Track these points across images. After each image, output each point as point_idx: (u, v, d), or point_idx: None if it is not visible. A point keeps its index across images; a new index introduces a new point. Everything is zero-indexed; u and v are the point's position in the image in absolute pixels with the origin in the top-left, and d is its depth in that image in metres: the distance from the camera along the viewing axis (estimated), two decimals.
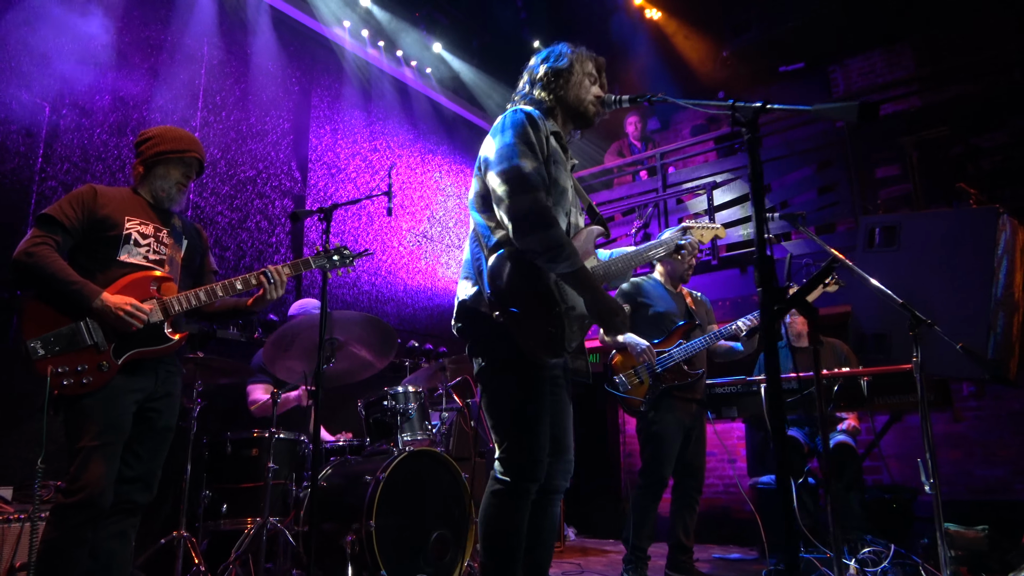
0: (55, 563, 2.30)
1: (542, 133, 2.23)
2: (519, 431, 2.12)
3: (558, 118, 2.43)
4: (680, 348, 3.84)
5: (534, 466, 2.10)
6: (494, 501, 2.13)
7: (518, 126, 2.20)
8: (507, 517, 2.10)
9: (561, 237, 2.09)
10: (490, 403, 2.20)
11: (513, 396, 2.15)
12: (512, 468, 2.12)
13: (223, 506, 3.45)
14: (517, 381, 2.14)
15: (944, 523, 4.24)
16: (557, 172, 2.28)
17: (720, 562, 4.94)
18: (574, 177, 2.50)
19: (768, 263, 1.64)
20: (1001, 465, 5.88)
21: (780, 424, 1.54)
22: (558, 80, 2.39)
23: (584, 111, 2.43)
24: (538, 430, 2.11)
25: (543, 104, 2.40)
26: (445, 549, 3.42)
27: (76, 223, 2.52)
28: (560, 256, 2.08)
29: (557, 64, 2.40)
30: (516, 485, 2.10)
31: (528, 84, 2.47)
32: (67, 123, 4.27)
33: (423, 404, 3.85)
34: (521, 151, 2.15)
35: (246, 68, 5.41)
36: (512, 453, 2.12)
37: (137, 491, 2.56)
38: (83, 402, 2.41)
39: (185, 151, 2.73)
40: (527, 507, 2.12)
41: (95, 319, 2.45)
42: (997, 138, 5.72)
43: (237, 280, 2.71)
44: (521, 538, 2.12)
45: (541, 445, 2.11)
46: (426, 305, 6.66)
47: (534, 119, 2.23)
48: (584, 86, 2.42)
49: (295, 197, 5.62)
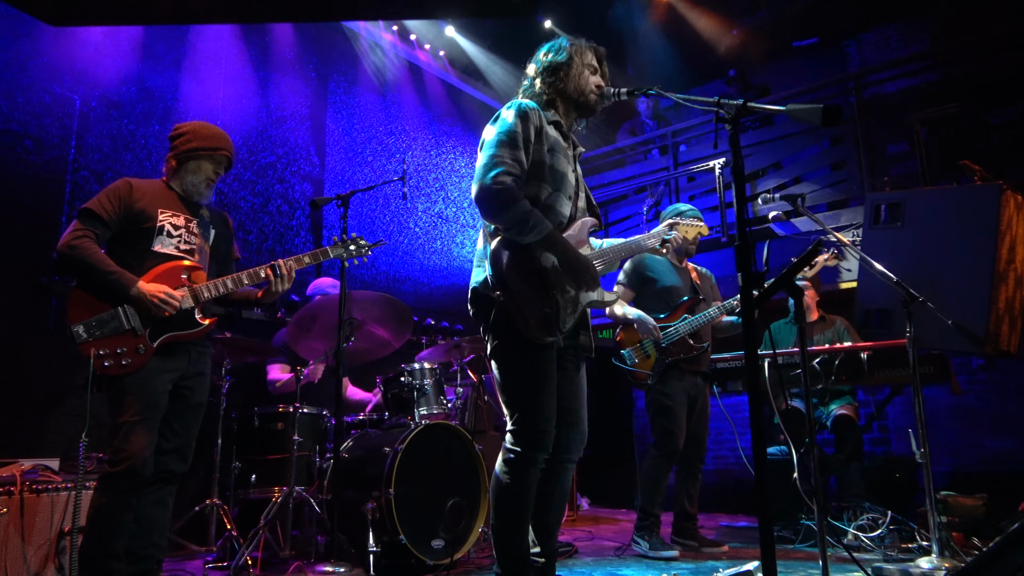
0: (104, 527, 2.53)
1: (531, 123, 2.38)
2: (525, 405, 2.30)
3: (559, 108, 2.56)
4: (685, 322, 3.97)
5: (540, 436, 2.28)
6: (504, 468, 2.32)
7: (506, 120, 2.38)
8: (516, 483, 2.28)
9: (524, 211, 2.25)
10: (500, 379, 2.38)
11: (519, 372, 2.33)
12: (520, 439, 2.29)
13: (252, 476, 3.67)
14: (522, 359, 2.32)
15: (944, 491, 4.39)
16: (555, 160, 2.42)
17: (727, 529, 5.11)
18: (579, 164, 2.66)
19: (747, 249, 1.79)
20: (1009, 436, 5.97)
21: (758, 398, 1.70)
22: (558, 73, 2.53)
23: (585, 101, 2.56)
24: (542, 403, 2.29)
25: (543, 96, 2.54)
26: (460, 516, 3.62)
27: (114, 216, 2.72)
28: (526, 227, 2.25)
29: (556, 58, 2.54)
30: (524, 454, 2.28)
31: (531, 77, 2.61)
32: (97, 115, 4.47)
33: (439, 380, 4.04)
34: (499, 141, 2.33)
35: (265, 56, 5.58)
36: (520, 425, 2.30)
37: (174, 461, 2.78)
38: (124, 381, 2.62)
39: (217, 149, 2.91)
40: (535, 474, 2.31)
41: (132, 306, 2.65)
42: (1008, 113, 5.73)
43: (243, 274, 2.87)
44: (529, 502, 2.31)
45: (546, 417, 2.29)
46: (442, 284, 6.84)
47: (524, 111, 2.38)
48: (584, 77, 2.55)
49: (314, 181, 5.80)
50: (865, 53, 7.95)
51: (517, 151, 2.32)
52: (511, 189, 2.25)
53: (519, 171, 2.31)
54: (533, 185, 2.39)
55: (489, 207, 2.28)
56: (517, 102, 2.43)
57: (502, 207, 2.25)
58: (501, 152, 2.30)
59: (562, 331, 2.31)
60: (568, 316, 2.32)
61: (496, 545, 2.29)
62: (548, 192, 2.41)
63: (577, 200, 2.56)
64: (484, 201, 2.28)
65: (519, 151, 2.32)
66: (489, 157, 2.30)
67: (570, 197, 2.51)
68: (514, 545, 2.27)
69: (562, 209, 2.46)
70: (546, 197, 2.40)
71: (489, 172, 2.27)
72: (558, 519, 2.53)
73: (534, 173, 2.38)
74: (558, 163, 2.44)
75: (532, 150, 2.37)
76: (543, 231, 2.29)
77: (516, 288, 2.27)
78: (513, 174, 2.28)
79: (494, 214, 2.30)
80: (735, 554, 3.91)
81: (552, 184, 2.41)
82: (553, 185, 2.42)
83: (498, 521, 2.31)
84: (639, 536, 3.90)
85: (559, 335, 2.31)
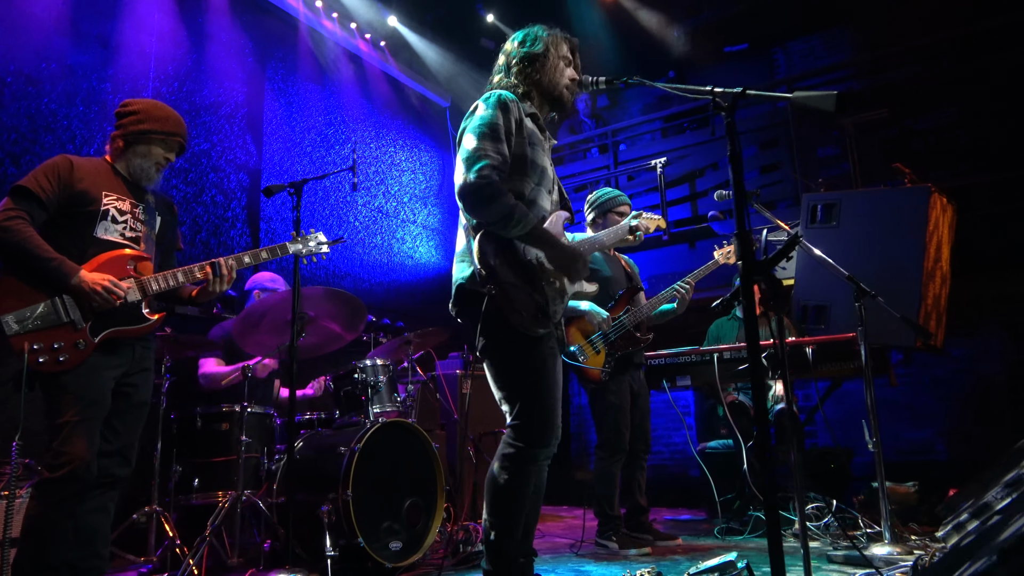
0: (41, 538, 2.31)
1: (512, 115, 2.31)
2: (526, 400, 2.23)
3: (534, 100, 2.49)
4: (630, 314, 3.97)
5: (544, 431, 2.22)
6: (505, 464, 2.24)
7: (487, 111, 2.29)
8: (515, 481, 2.22)
9: (508, 205, 2.19)
10: (497, 376, 2.31)
11: (516, 367, 2.26)
12: (522, 435, 2.23)
13: (194, 480, 3.45)
14: (518, 353, 2.25)
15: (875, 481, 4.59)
16: (535, 153, 2.36)
17: (673, 523, 5.19)
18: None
19: (747, 238, 1.78)
20: (926, 427, 6.33)
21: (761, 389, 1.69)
22: (534, 64, 2.46)
23: (559, 95, 2.50)
24: (543, 397, 2.23)
25: (519, 88, 2.46)
26: (418, 516, 3.52)
27: (52, 196, 2.47)
28: (511, 222, 2.19)
29: (533, 49, 2.46)
30: (526, 451, 2.22)
31: (504, 67, 2.52)
32: (12, 91, 4.10)
33: (392, 377, 3.91)
34: (482, 133, 2.25)
35: (199, 37, 5.28)
36: (522, 421, 2.23)
37: (116, 464, 2.57)
38: (62, 379, 2.39)
39: (172, 134, 2.69)
40: (534, 471, 2.25)
41: (72, 296, 2.42)
42: (931, 120, 6.07)
43: (179, 271, 2.64)
44: (526, 500, 2.25)
45: (549, 410, 2.23)
46: (382, 280, 6.67)
47: (505, 102, 2.31)
48: (559, 69, 2.49)
49: (251, 171, 5.54)
50: (792, 61, 8.28)
51: (500, 143, 2.25)
52: (495, 183, 2.19)
53: (502, 164, 2.24)
54: (516, 179, 2.32)
55: (473, 202, 2.21)
56: (497, 92, 2.35)
57: (486, 202, 2.18)
58: (484, 145, 2.23)
59: (554, 321, 2.26)
60: (558, 306, 2.28)
61: (489, 543, 2.22)
62: (531, 187, 2.36)
63: (553, 194, 2.52)
64: (468, 196, 2.20)
65: (501, 144, 2.26)
66: (472, 150, 2.23)
67: (549, 191, 2.47)
68: (507, 544, 2.20)
69: (544, 203, 2.42)
70: (530, 192, 2.35)
71: (473, 166, 2.19)
72: (535, 519, 2.48)
73: (516, 167, 2.32)
74: (538, 156, 2.38)
75: (513, 143, 2.30)
76: (528, 225, 2.23)
77: (506, 280, 2.20)
78: (496, 167, 2.21)
79: (478, 209, 2.22)
80: (689, 547, 3.95)
81: (535, 178, 2.36)
82: (536, 179, 2.37)
83: (493, 519, 2.24)
84: (604, 539, 3.83)
85: (551, 325, 2.26)
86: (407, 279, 6.96)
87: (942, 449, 6.29)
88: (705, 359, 4.35)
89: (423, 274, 7.19)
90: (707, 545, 3.98)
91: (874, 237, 4.25)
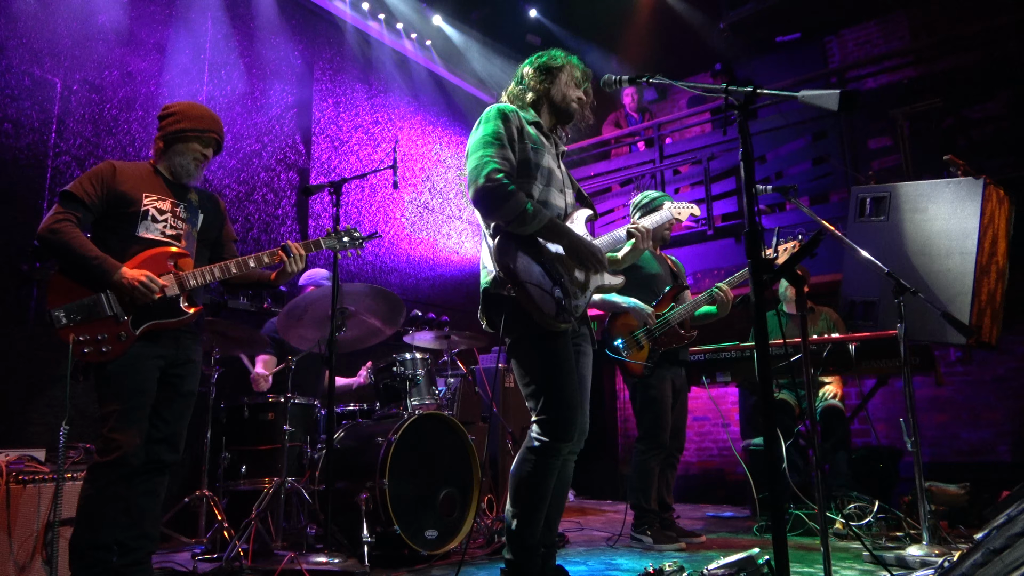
0: (93, 517, 2.47)
1: (512, 123, 2.43)
2: (549, 395, 2.31)
3: (543, 109, 2.63)
4: (674, 311, 3.97)
5: (566, 426, 2.29)
6: (529, 457, 2.32)
7: (488, 122, 2.43)
8: (537, 474, 2.30)
9: (521, 203, 2.29)
10: (522, 374, 2.40)
11: (541, 365, 2.34)
12: (546, 429, 2.30)
13: (242, 467, 3.62)
14: (542, 351, 2.33)
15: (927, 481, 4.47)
16: (538, 157, 2.47)
17: (713, 519, 5.16)
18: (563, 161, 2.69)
19: (756, 236, 1.79)
20: (986, 428, 6.09)
21: (768, 386, 1.70)
22: (547, 75, 2.61)
23: (567, 107, 2.64)
24: (565, 391, 2.30)
25: (530, 94, 2.61)
26: (453, 507, 3.61)
27: (96, 199, 2.64)
28: (526, 218, 2.29)
29: (550, 63, 2.62)
30: (550, 445, 2.29)
31: (519, 77, 2.68)
32: (78, 99, 4.36)
33: (430, 370, 4.01)
34: (485, 143, 2.37)
35: (250, 42, 5.48)
36: (546, 416, 2.31)
37: (164, 451, 2.72)
38: (107, 368, 2.56)
39: (205, 131, 2.83)
40: (557, 465, 2.33)
41: (115, 292, 2.59)
42: (988, 109, 5.83)
43: (250, 258, 2.82)
44: (548, 492, 2.33)
45: (571, 405, 2.30)
46: (428, 275, 6.80)
47: (503, 113, 2.45)
48: (570, 86, 2.64)
49: (300, 170, 5.73)
50: (846, 49, 8.05)
51: (504, 150, 2.37)
52: (505, 184, 2.29)
53: (509, 168, 2.35)
54: (524, 182, 2.43)
55: (487, 204, 2.31)
56: (495, 106, 2.50)
57: (499, 202, 2.28)
58: (489, 152, 2.34)
59: (575, 315, 2.32)
60: (580, 301, 2.34)
61: (511, 534, 2.30)
62: (540, 188, 2.46)
63: (566, 194, 2.61)
64: (481, 200, 2.31)
65: (506, 149, 2.38)
66: (478, 159, 2.34)
67: (560, 191, 2.57)
68: (529, 535, 2.28)
69: (556, 202, 2.51)
70: (539, 193, 2.45)
71: (481, 173, 2.30)
72: (558, 512, 2.55)
73: (522, 171, 2.43)
74: (542, 159, 2.49)
75: (517, 148, 2.42)
76: (543, 219, 2.33)
77: (525, 279, 2.28)
78: (504, 170, 2.32)
79: (493, 210, 2.32)
80: (725, 543, 3.94)
81: (542, 179, 2.46)
82: (543, 180, 2.47)
83: (516, 510, 2.32)
84: (639, 533, 3.84)
85: (572, 320, 2.32)
86: (452, 274, 7.07)
87: (1004, 450, 6.05)
88: (746, 355, 4.31)
89: (468, 269, 7.29)
90: (743, 542, 3.96)
91: (925, 231, 4.12)
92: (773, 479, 1.69)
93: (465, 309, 6.79)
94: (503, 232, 2.36)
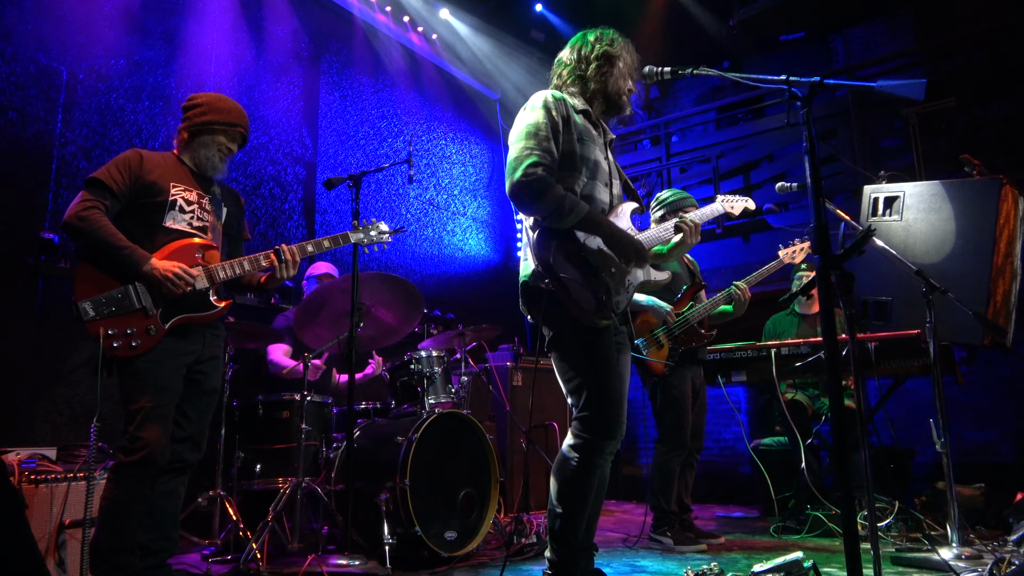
0: (118, 519, 2.39)
1: (558, 113, 2.34)
2: (591, 392, 2.24)
3: (594, 98, 2.52)
4: (694, 310, 3.93)
5: (609, 423, 2.22)
6: (572, 454, 2.26)
7: (532, 113, 2.34)
8: (582, 472, 2.24)
9: (559, 195, 2.22)
10: (562, 369, 2.33)
11: (580, 359, 2.27)
12: (588, 427, 2.24)
13: (256, 466, 3.54)
14: (581, 345, 2.26)
15: (939, 481, 4.44)
16: (584, 148, 2.38)
17: (725, 520, 5.13)
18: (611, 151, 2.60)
19: (824, 232, 1.74)
20: (991, 428, 6.10)
21: (838, 386, 1.65)
22: (607, 64, 2.48)
23: (618, 101, 2.54)
24: (608, 389, 2.23)
25: (585, 82, 2.48)
26: (472, 506, 3.54)
27: (124, 188, 2.55)
28: (563, 211, 2.23)
29: (610, 50, 2.48)
30: (593, 442, 2.23)
31: (574, 61, 2.52)
32: (85, 87, 4.24)
33: (447, 368, 3.94)
34: (528, 134, 2.29)
35: (257, 33, 5.38)
36: (588, 412, 2.24)
37: (187, 450, 2.64)
38: (135, 364, 2.47)
39: (233, 124, 2.75)
40: (600, 463, 2.26)
41: (144, 283, 2.50)
42: (1002, 108, 5.82)
43: (246, 260, 2.71)
44: (591, 491, 2.26)
45: (614, 402, 2.23)
46: (433, 272, 6.71)
47: (548, 102, 2.35)
48: (625, 78, 2.53)
49: (307, 164, 5.63)
50: (851, 49, 8.03)
51: (546, 142, 2.29)
52: (543, 178, 2.22)
53: (550, 161, 2.28)
54: (567, 175, 2.34)
55: (523, 199, 2.25)
56: (541, 93, 2.41)
57: (536, 196, 2.22)
58: (529, 144, 2.27)
59: (616, 312, 2.26)
60: (621, 296, 2.27)
61: (553, 533, 2.25)
62: (584, 181, 2.37)
63: (612, 187, 2.52)
64: (518, 194, 2.25)
65: (548, 142, 2.29)
66: (519, 151, 2.27)
67: (606, 184, 2.48)
68: (572, 535, 2.21)
69: (600, 196, 2.43)
70: (583, 187, 2.37)
71: (520, 165, 2.24)
72: (597, 513, 2.48)
73: (566, 163, 2.34)
74: (588, 151, 2.40)
75: (561, 140, 2.34)
76: (581, 212, 2.25)
77: (564, 274, 2.22)
78: (544, 164, 2.25)
79: (530, 205, 2.26)
80: (745, 545, 3.89)
81: (587, 172, 2.38)
82: (588, 174, 2.38)
83: (560, 508, 2.26)
84: (659, 535, 3.79)
85: (614, 316, 2.25)
86: (457, 271, 6.99)
87: (1008, 451, 6.06)
88: (762, 355, 4.27)
89: (473, 266, 7.22)
90: (763, 543, 3.92)
91: (939, 231, 4.10)
92: (845, 486, 1.63)
93: (470, 306, 6.72)
94: (543, 226, 2.30)
